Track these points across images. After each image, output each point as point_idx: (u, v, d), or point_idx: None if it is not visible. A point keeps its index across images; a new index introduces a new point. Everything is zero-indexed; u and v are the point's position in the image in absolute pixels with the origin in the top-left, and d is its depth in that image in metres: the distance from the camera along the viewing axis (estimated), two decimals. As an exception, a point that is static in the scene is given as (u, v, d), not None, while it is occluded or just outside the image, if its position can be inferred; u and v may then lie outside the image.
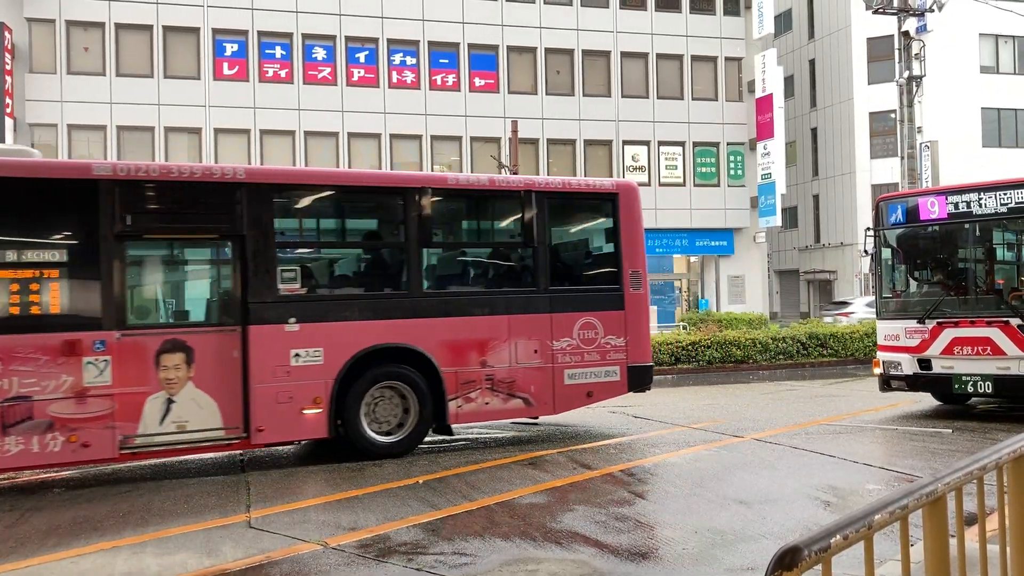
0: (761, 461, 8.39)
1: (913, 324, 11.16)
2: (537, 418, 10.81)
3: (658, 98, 34.34)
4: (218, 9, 30.24)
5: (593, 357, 9.91)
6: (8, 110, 27.99)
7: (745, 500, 6.69)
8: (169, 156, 30.05)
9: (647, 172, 34.22)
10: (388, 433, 9.11)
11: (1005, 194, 10.63)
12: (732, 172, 34.98)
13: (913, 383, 11.21)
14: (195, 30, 30.19)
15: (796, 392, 14.94)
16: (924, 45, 23.72)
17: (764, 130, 33.58)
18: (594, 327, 9.93)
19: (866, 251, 12.08)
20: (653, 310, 28.56)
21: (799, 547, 1.95)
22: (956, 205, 10.97)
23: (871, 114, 37.70)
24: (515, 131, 25.64)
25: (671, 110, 34.39)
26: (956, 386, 10.79)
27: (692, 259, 35.96)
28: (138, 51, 29.86)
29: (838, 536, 2.08)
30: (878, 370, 11.61)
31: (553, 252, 10.16)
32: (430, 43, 32.09)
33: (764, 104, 33.51)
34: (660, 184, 34.15)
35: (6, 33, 28.10)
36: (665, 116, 34.30)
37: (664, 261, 35.67)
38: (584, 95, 33.58)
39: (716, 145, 34.80)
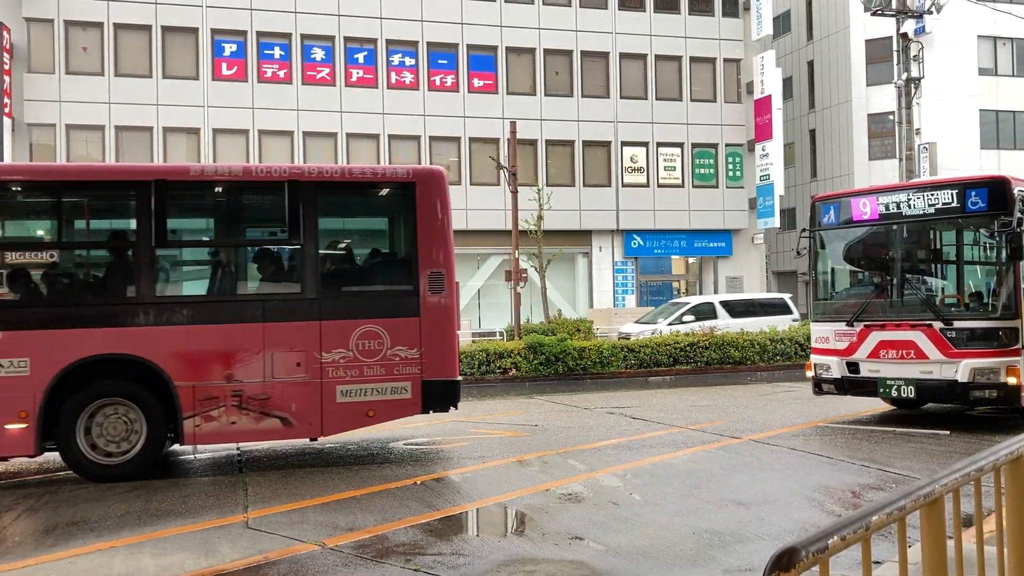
0: (759, 462, 8.39)
1: (842, 327, 11.07)
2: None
3: (657, 99, 34.37)
4: (217, 9, 30.23)
5: (376, 371, 8.69)
6: (7, 110, 27.96)
7: (743, 501, 6.69)
8: (168, 156, 30.03)
9: (645, 173, 34.25)
10: (123, 453, 8.23)
11: (933, 195, 10.47)
12: (730, 173, 35.01)
13: (841, 387, 11.08)
14: (194, 30, 30.18)
15: (793, 393, 14.95)
16: (923, 47, 23.76)
17: (762, 131, 33.61)
18: (378, 336, 8.72)
19: (798, 252, 12.03)
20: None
21: (797, 548, 1.95)
22: (887, 206, 10.86)
23: (870, 116, 37.72)
24: (514, 132, 25.62)
25: (670, 111, 34.42)
26: (881, 390, 10.70)
27: (690, 260, 35.99)
28: (137, 51, 29.85)
29: (836, 537, 2.08)
30: (810, 373, 11.55)
31: (327, 251, 9.17)
32: (429, 44, 32.10)
33: (762, 105, 33.54)
34: (659, 185, 34.17)
35: (4, 33, 28.08)
36: (664, 117, 34.33)
37: (663, 262, 35.71)
38: (583, 96, 33.60)
39: (715, 146, 34.84)
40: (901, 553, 2.48)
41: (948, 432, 10.05)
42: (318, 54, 31.18)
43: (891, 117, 33.53)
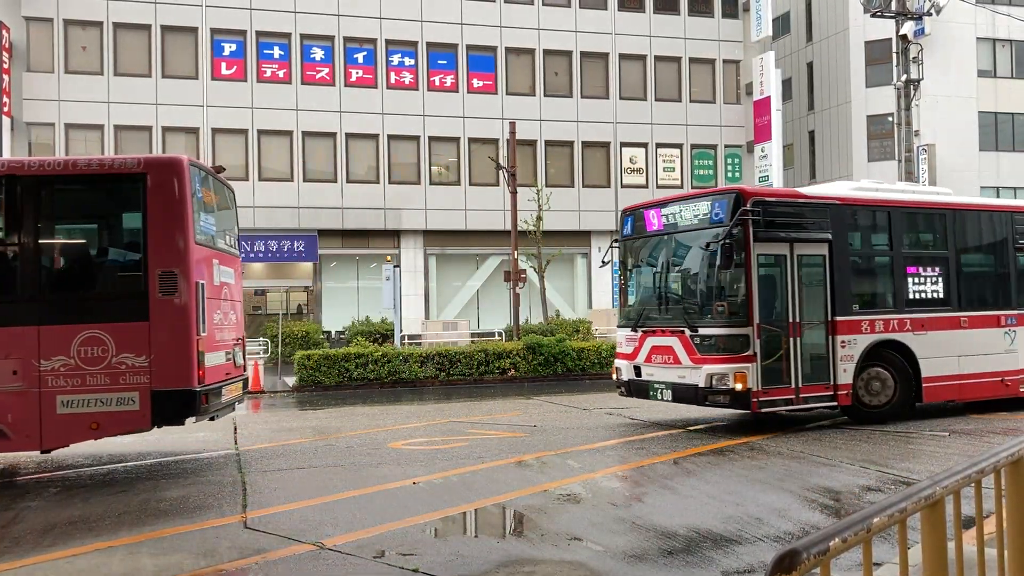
0: (758, 463, 8.39)
1: (630, 332, 11.70)
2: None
3: (656, 100, 34.38)
4: (216, 9, 30.22)
5: (100, 380, 7.99)
6: (6, 109, 27.95)
7: (741, 502, 6.69)
8: (166, 156, 30.00)
9: (645, 174, 34.26)
10: None
11: (695, 206, 11.04)
12: (730, 174, 35.01)
13: (629, 389, 11.69)
14: (193, 30, 30.17)
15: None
16: (922, 49, 23.78)
17: (762, 133, 33.62)
18: (103, 342, 8.01)
19: (604, 261, 12.64)
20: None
21: (798, 550, 1.95)
22: (667, 217, 11.51)
23: (869, 117, 37.74)
24: (513, 132, 25.63)
25: (669, 112, 34.44)
26: (651, 392, 11.26)
27: (689, 261, 35.96)
28: (136, 50, 29.83)
29: (837, 539, 2.08)
30: (614, 376, 12.12)
31: (48, 250, 8.46)
32: (428, 44, 32.09)
33: (762, 107, 33.55)
34: (658, 186, 34.17)
35: (4, 32, 28.06)
36: (663, 118, 34.34)
37: (661, 263, 35.67)
38: (582, 97, 33.60)
39: (714, 147, 34.85)
40: (902, 555, 2.48)
41: (947, 434, 10.05)
42: (317, 54, 31.16)
43: (890, 119, 33.57)
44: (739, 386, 10.13)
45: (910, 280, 11.52)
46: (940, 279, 11.71)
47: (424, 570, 5.13)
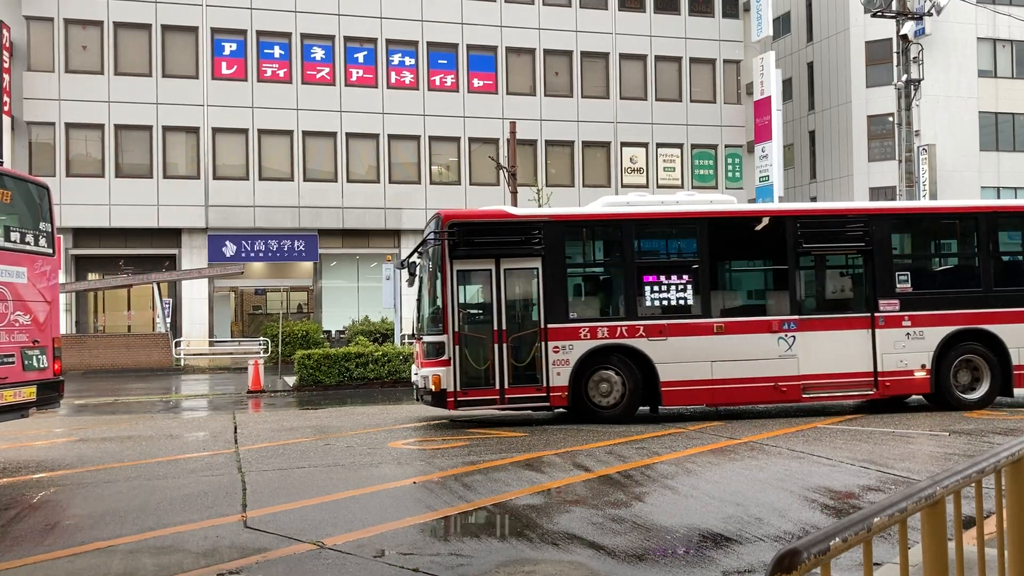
0: (758, 463, 8.39)
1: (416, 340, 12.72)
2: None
3: (656, 100, 34.38)
4: (217, 8, 30.22)
5: None
6: (6, 108, 27.95)
7: (742, 502, 6.69)
8: (167, 155, 30.02)
9: (645, 174, 34.26)
10: None
11: (427, 226, 12.24)
12: (730, 174, 35.02)
13: (418, 394, 12.28)
14: (194, 29, 30.17)
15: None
16: (922, 49, 23.77)
17: (762, 133, 33.61)
18: None
19: (408, 273, 13.27)
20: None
21: (798, 550, 1.95)
22: (424, 233, 12.65)
23: (869, 117, 37.74)
24: (513, 132, 25.63)
25: (669, 112, 34.43)
26: (416, 396, 12.29)
27: (689, 261, 35.98)
28: (136, 50, 29.84)
29: (837, 539, 2.07)
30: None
31: None
32: (429, 44, 32.10)
33: (762, 107, 33.55)
34: (658, 186, 34.17)
35: (4, 31, 28.06)
36: (663, 118, 34.34)
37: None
38: (582, 97, 33.60)
39: (714, 147, 34.85)
40: (902, 554, 2.48)
41: (947, 434, 10.05)
42: (318, 53, 31.17)
43: (890, 119, 33.57)
44: (434, 387, 11.39)
45: (648, 288, 11.91)
46: (688, 287, 11.96)
47: (424, 570, 5.12)
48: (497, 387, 11.43)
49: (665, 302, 11.90)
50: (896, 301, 12.12)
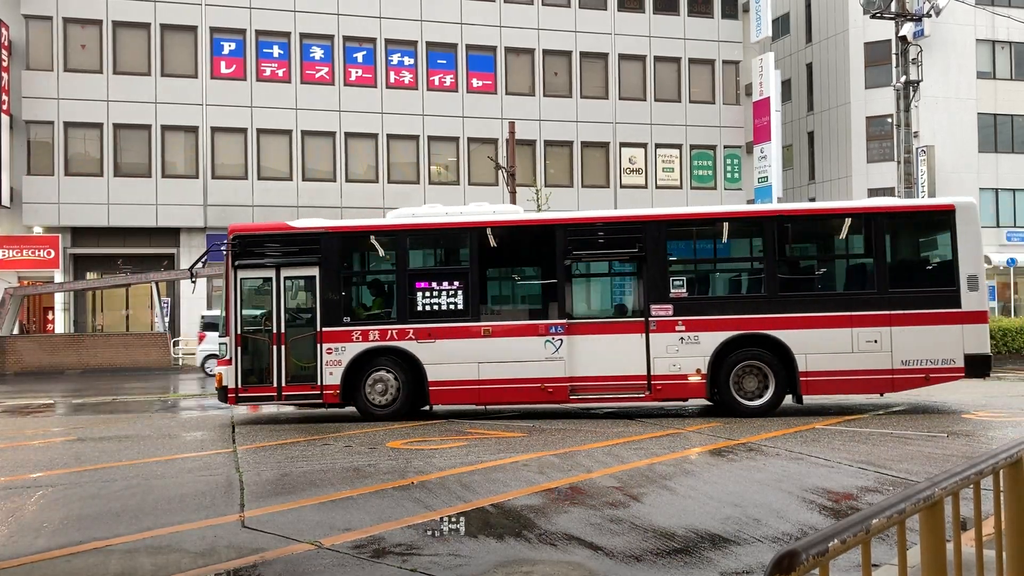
0: (755, 464, 8.39)
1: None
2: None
3: (655, 101, 34.39)
4: (216, 7, 30.21)
5: None
6: (5, 107, 27.92)
7: (740, 503, 6.68)
8: (166, 154, 30.00)
9: (644, 174, 34.27)
10: None
11: None
12: (728, 175, 35.02)
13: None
14: (193, 28, 30.16)
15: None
16: (921, 50, 23.79)
17: (761, 133, 33.62)
18: None
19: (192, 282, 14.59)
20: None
21: (797, 551, 1.95)
22: None
23: (868, 118, 37.77)
24: (512, 132, 25.63)
25: (668, 113, 34.44)
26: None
27: (688, 262, 35.96)
28: (135, 49, 29.82)
29: (836, 540, 2.07)
30: None
31: None
32: (428, 43, 32.10)
33: (761, 107, 33.56)
34: (657, 187, 34.18)
35: (3, 30, 28.03)
36: (662, 119, 34.34)
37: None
38: (582, 97, 33.61)
39: (713, 148, 34.86)
40: (901, 556, 2.48)
41: (945, 435, 10.06)
42: (317, 53, 31.16)
43: (889, 120, 33.59)
44: (216, 384, 12.60)
45: (419, 294, 12.57)
46: (459, 292, 12.51)
47: (422, 570, 5.12)
48: (275, 385, 12.40)
49: (436, 307, 12.53)
50: (669, 306, 12.26)
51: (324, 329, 12.39)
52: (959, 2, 29.63)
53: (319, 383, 12.36)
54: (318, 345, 12.38)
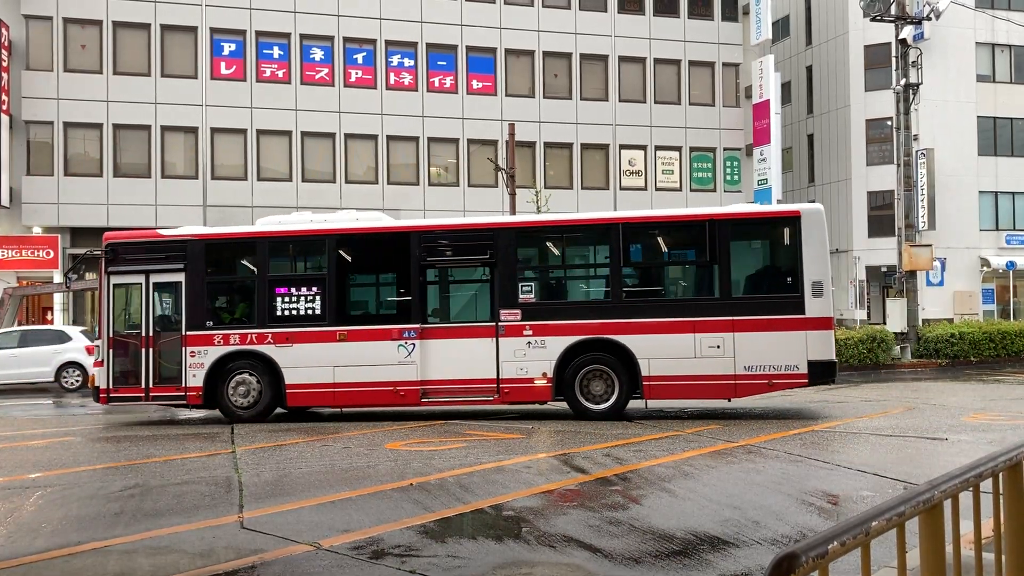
0: (755, 466, 8.39)
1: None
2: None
3: (655, 103, 34.39)
4: (216, 8, 30.21)
5: None
6: (4, 107, 27.91)
7: (739, 505, 6.68)
8: (166, 155, 30.00)
9: (644, 176, 34.27)
10: None
11: None
12: (728, 177, 35.03)
13: None
14: (193, 29, 30.15)
15: (791, 398, 14.95)
16: (921, 53, 23.80)
17: (761, 136, 33.64)
18: None
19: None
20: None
21: (797, 553, 1.94)
22: None
23: (868, 121, 37.78)
24: (512, 134, 25.65)
25: (668, 115, 34.45)
26: None
27: (688, 264, 35.94)
28: (135, 49, 29.81)
29: (835, 543, 2.07)
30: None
31: None
32: (428, 45, 32.10)
33: (761, 110, 33.58)
34: (656, 189, 34.19)
35: (3, 30, 28.03)
36: (662, 121, 34.35)
37: (660, 265, 35.64)
38: (581, 99, 33.61)
39: (713, 150, 34.86)
40: (900, 559, 2.48)
41: (946, 438, 10.06)
42: (317, 54, 31.16)
43: (889, 123, 33.60)
44: (89, 385, 13.29)
45: (279, 300, 12.93)
46: (317, 297, 12.86)
47: (421, 571, 5.12)
48: (143, 386, 12.83)
49: (294, 312, 12.90)
50: (518, 311, 12.48)
51: (188, 333, 12.87)
52: (959, 5, 29.65)
53: (184, 385, 12.79)
54: (183, 348, 12.84)
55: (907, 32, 22.50)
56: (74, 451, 10.44)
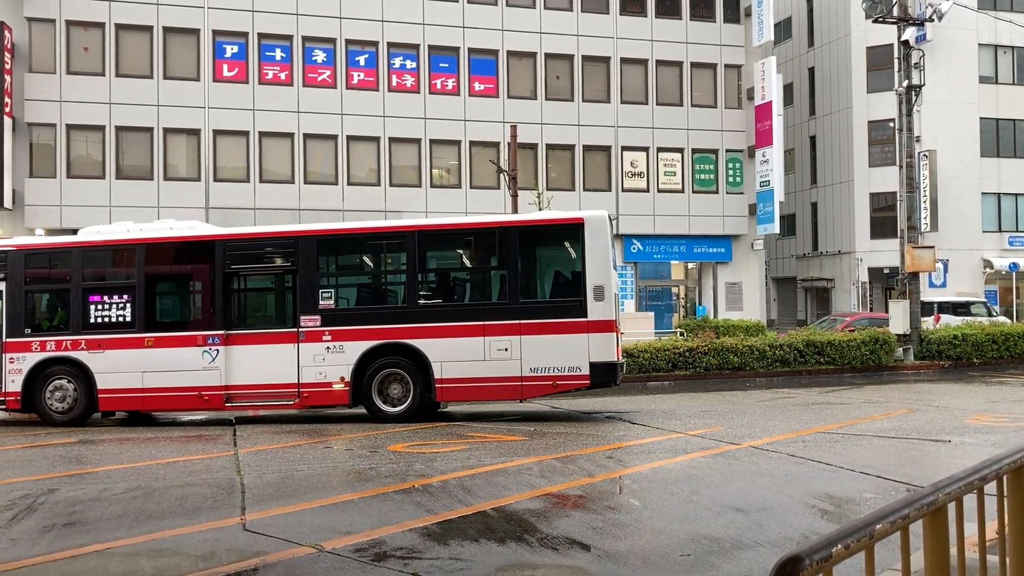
0: (758, 469, 8.37)
1: None
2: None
3: (657, 104, 34.37)
4: (218, 10, 30.24)
5: None
6: (7, 109, 27.95)
7: (742, 508, 6.67)
8: (168, 157, 30.03)
9: (646, 178, 34.25)
10: None
11: None
12: (730, 179, 35.00)
13: None
14: (195, 31, 30.18)
15: (792, 400, 14.94)
16: (923, 54, 23.78)
17: (763, 137, 33.62)
18: None
19: None
20: (650, 316, 28.57)
21: (800, 556, 1.94)
22: None
23: (870, 123, 37.77)
24: (514, 136, 25.65)
25: (670, 116, 34.42)
26: None
27: (690, 266, 35.99)
28: (138, 52, 29.84)
29: (839, 545, 2.06)
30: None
31: None
32: (430, 47, 32.10)
33: (763, 111, 33.55)
34: (659, 191, 34.17)
35: (6, 32, 28.07)
36: (664, 122, 34.32)
37: (662, 267, 35.69)
38: (583, 100, 33.60)
39: (715, 152, 34.84)
40: (904, 561, 2.47)
41: (950, 440, 10.04)
42: (319, 56, 31.18)
43: (891, 124, 33.58)
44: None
45: (92, 307, 13.23)
46: (128, 305, 13.18)
47: (423, 573, 5.11)
48: None
49: (106, 319, 13.21)
50: (318, 317, 12.78)
51: (7, 340, 13.18)
52: (961, 7, 29.64)
53: (3, 390, 13.09)
54: (2, 355, 13.16)
55: (909, 34, 22.48)
56: (76, 453, 10.44)
